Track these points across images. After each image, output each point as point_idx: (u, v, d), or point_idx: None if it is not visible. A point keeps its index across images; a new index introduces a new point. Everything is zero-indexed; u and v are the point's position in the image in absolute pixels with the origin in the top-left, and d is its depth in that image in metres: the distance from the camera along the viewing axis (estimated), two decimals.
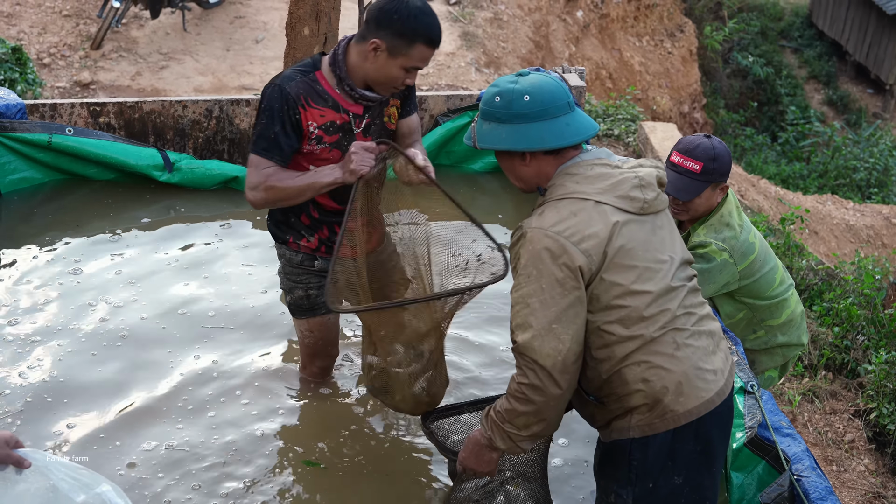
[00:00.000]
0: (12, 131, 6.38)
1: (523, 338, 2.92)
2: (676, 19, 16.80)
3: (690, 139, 4.22)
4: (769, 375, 4.63)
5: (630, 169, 3.11)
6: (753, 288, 4.32)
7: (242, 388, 4.76)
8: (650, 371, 2.97)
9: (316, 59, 3.88)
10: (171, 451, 4.30)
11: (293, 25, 6.84)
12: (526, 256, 2.94)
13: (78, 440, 4.33)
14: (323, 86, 3.83)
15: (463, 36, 12.38)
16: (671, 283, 3.04)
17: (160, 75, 10.85)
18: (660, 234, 3.10)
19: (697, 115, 16.71)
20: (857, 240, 10.99)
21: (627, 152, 8.56)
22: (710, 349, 3.09)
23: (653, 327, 2.97)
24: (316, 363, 4.66)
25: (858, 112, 19.17)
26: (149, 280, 5.60)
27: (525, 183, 3.20)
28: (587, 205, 2.97)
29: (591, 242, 2.92)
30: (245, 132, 7.07)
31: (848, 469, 5.42)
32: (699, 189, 4.14)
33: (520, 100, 3.04)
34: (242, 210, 6.47)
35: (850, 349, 6.39)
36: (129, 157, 6.58)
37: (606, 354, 2.99)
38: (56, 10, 11.59)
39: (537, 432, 3.08)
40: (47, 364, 4.81)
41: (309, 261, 4.18)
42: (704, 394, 3.03)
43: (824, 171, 15.38)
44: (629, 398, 3.01)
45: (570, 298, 2.91)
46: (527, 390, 2.96)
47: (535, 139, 3.03)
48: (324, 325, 4.41)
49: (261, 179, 3.78)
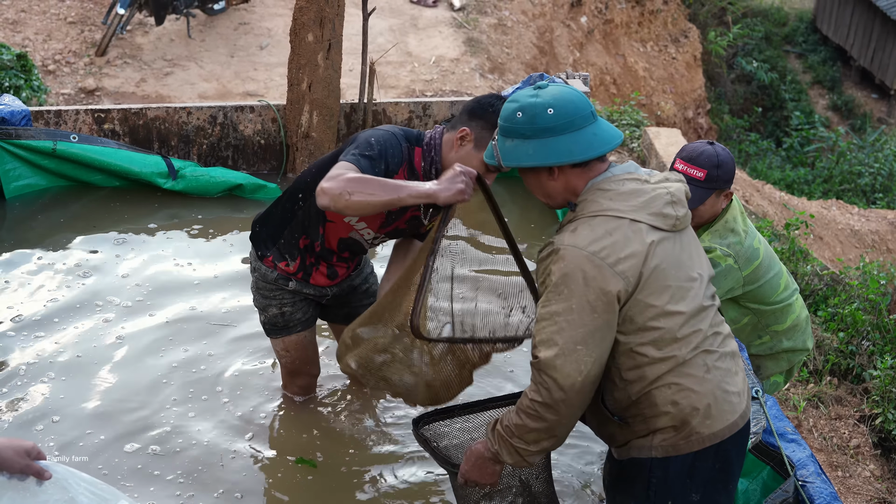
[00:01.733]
0: (17, 138, 6.39)
1: (546, 354, 2.84)
2: (680, 25, 16.79)
3: (694, 146, 4.20)
4: (774, 381, 4.61)
5: (660, 184, 3.04)
6: (758, 293, 4.31)
7: (244, 387, 4.80)
8: (680, 393, 2.93)
9: (421, 136, 3.79)
10: (168, 445, 4.32)
11: (297, 32, 6.85)
12: (558, 274, 2.85)
13: (74, 440, 4.36)
14: (415, 162, 3.77)
15: (467, 42, 12.39)
16: (702, 303, 3.01)
17: (164, 82, 10.87)
18: (688, 251, 3.05)
19: (702, 121, 16.70)
20: (861, 245, 10.97)
21: (632, 158, 8.55)
22: (733, 370, 3.06)
23: (686, 349, 2.93)
24: (296, 382, 4.63)
25: (863, 117, 19.16)
26: (153, 285, 5.61)
27: (553, 199, 3.08)
28: (622, 223, 2.90)
29: (628, 264, 2.85)
30: (249, 138, 7.08)
31: (853, 475, 5.41)
32: (703, 197, 4.13)
33: (544, 113, 2.94)
34: (246, 217, 6.48)
35: (856, 354, 6.37)
36: (134, 164, 6.59)
37: (637, 376, 2.94)
38: (61, 16, 11.61)
39: (547, 447, 3.02)
40: (51, 366, 4.82)
41: (283, 280, 4.13)
42: (730, 416, 3.00)
43: (829, 176, 15.35)
44: (656, 420, 2.97)
45: (599, 322, 2.84)
46: (540, 408, 2.89)
47: (563, 152, 2.94)
48: (300, 343, 4.35)
49: (346, 170, 3.43)
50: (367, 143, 3.63)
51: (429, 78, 11.43)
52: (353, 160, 3.52)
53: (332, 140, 7.09)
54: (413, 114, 7.30)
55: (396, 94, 10.87)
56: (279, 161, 7.21)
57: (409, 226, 3.99)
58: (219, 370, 4.92)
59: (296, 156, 7.10)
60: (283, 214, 4.06)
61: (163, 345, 5.09)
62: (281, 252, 4.08)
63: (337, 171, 3.41)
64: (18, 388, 4.68)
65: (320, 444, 4.46)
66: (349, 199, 3.31)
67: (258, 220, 4.18)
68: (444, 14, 12.95)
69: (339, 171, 3.41)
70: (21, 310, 5.30)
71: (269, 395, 4.74)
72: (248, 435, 4.48)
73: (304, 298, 4.23)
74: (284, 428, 4.57)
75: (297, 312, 4.24)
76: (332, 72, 6.95)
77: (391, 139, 3.68)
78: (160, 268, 5.82)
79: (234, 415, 4.62)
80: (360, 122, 7.22)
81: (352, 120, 7.27)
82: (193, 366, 4.94)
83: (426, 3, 13.16)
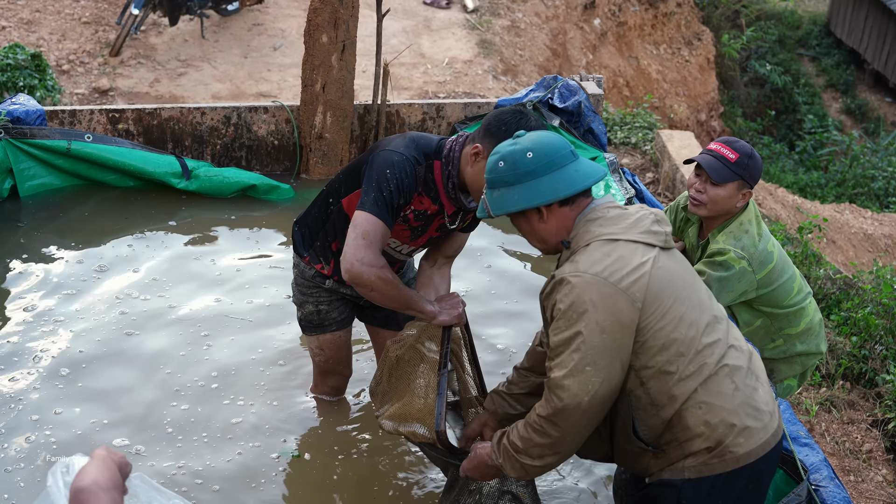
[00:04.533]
0: (32, 137, 6.42)
1: (556, 375, 2.91)
2: (694, 27, 16.76)
3: (733, 137, 4.28)
4: (788, 384, 4.61)
5: (640, 209, 3.12)
6: (772, 297, 4.31)
7: (248, 385, 4.83)
8: (711, 412, 2.93)
9: (440, 146, 3.78)
10: (164, 440, 4.35)
11: (311, 33, 6.86)
12: (566, 302, 2.90)
13: (87, 433, 4.36)
14: (435, 177, 3.77)
15: (480, 44, 12.39)
16: (714, 314, 3.04)
17: (178, 82, 10.90)
18: (684, 266, 3.09)
19: (715, 124, 16.67)
20: (875, 249, 10.93)
21: (645, 160, 8.55)
22: (758, 388, 3.06)
23: (711, 359, 2.95)
24: (328, 382, 4.64)
25: (877, 121, 19.09)
26: (168, 282, 5.63)
27: (547, 243, 3.14)
28: (618, 244, 2.95)
29: (632, 279, 2.89)
30: (263, 139, 7.09)
31: (866, 479, 5.39)
32: (728, 177, 4.16)
33: (524, 158, 3.03)
34: (259, 217, 6.50)
35: (868, 359, 6.36)
36: (148, 164, 6.61)
37: (668, 398, 2.94)
38: (75, 16, 11.65)
39: (551, 463, 3.08)
40: (66, 362, 4.86)
41: (321, 278, 4.16)
42: (763, 434, 3.00)
43: (842, 180, 15.30)
44: (690, 443, 2.97)
45: (609, 342, 2.87)
46: (545, 423, 2.96)
47: (547, 192, 3.01)
48: (334, 342, 4.38)
49: (379, 262, 3.59)
50: (384, 175, 3.64)
51: (442, 79, 11.44)
52: (376, 212, 3.61)
53: (345, 141, 7.10)
54: (426, 115, 7.30)
55: (409, 96, 10.88)
56: (292, 162, 7.22)
57: (440, 233, 4.01)
58: (240, 366, 4.94)
59: (309, 156, 7.12)
60: (317, 218, 4.08)
61: (180, 340, 5.12)
62: (317, 254, 4.11)
63: (367, 255, 3.57)
64: (33, 384, 4.71)
65: (305, 436, 4.51)
66: (369, 293, 3.62)
67: (298, 220, 4.22)
68: (458, 16, 12.96)
69: (370, 257, 3.57)
70: (37, 304, 5.34)
71: (290, 394, 4.76)
72: (269, 432, 4.51)
73: (341, 298, 4.26)
74: (307, 427, 4.59)
75: (333, 311, 4.26)
76: (345, 73, 6.96)
77: (405, 167, 3.67)
78: (175, 266, 5.84)
79: (261, 416, 4.65)
80: (374, 124, 7.23)
81: (365, 121, 7.28)
82: (215, 362, 4.97)
83: (439, 5, 13.17)
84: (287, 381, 4.87)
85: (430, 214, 3.85)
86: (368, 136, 7.29)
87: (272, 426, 4.57)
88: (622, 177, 6.29)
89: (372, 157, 3.72)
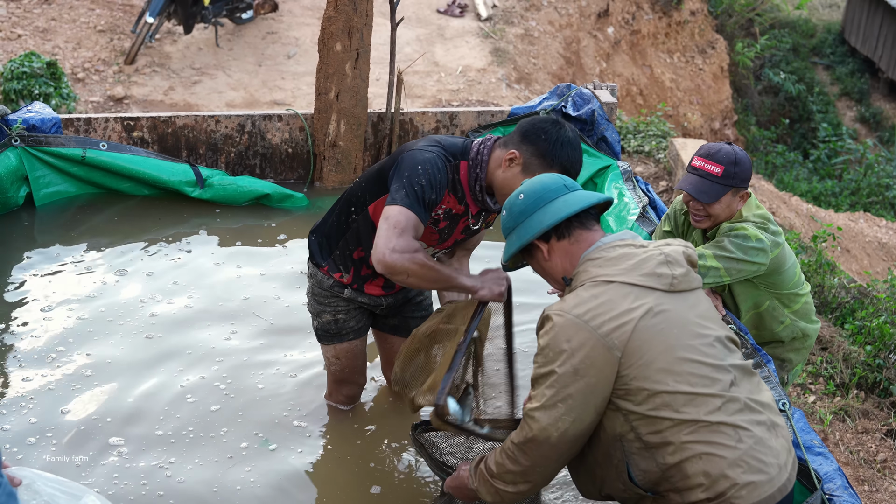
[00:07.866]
0: (47, 145, 6.44)
1: (530, 405, 2.98)
2: (707, 36, 16.76)
3: (711, 145, 4.33)
4: (797, 371, 4.81)
5: (655, 247, 3.10)
6: (778, 282, 4.42)
7: (279, 393, 4.83)
8: (711, 464, 2.87)
9: (466, 147, 3.78)
10: (160, 435, 4.36)
11: (325, 41, 6.88)
12: (545, 339, 2.97)
13: (94, 432, 4.39)
14: (461, 177, 3.78)
15: (494, 52, 12.41)
16: (719, 363, 2.97)
17: (193, 90, 10.94)
18: (696, 311, 3.04)
19: (728, 132, 16.65)
20: (889, 258, 10.90)
21: (658, 169, 8.54)
22: (770, 441, 2.98)
23: (704, 409, 2.89)
24: (342, 391, 4.64)
25: (891, 129, 19.04)
26: (181, 292, 5.64)
27: (555, 279, 3.23)
28: (610, 287, 2.97)
29: (613, 325, 2.89)
30: (277, 147, 7.12)
31: (880, 489, 5.37)
32: (720, 193, 4.21)
33: (516, 201, 3.21)
34: (273, 225, 6.51)
35: (883, 368, 6.34)
36: (162, 172, 6.63)
37: (660, 440, 2.91)
38: (90, 25, 11.72)
39: (523, 491, 3.14)
40: (77, 369, 4.87)
41: (339, 288, 4.15)
42: (768, 488, 2.91)
43: (856, 188, 15.27)
44: (690, 493, 2.91)
45: (581, 385, 2.90)
46: (517, 451, 3.04)
47: (535, 226, 3.14)
48: (351, 351, 4.38)
49: (412, 247, 3.54)
50: (416, 170, 3.63)
51: (455, 88, 11.46)
52: (408, 205, 3.57)
53: (359, 149, 7.11)
54: (440, 123, 7.31)
55: (423, 104, 10.90)
56: (306, 170, 7.24)
57: (465, 235, 4.04)
58: (253, 374, 4.95)
59: (323, 164, 7.13)
60: (337, 226, 4.07)
61: (194, 347, 5.13)
62: (336, 263, 4.10)
63: (400, 242, 3.50)
64: (51, 388, 4.73)
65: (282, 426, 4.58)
66: (406, 279, 3.55)
67: (314, 230, 4.21)
68: (471, 24, 12.98)
69: (402, 243, 3.50)
70: (53, 308, 5.35)
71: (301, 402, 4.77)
72: (281, 439, 4.52)
73: (359, 307, 4.26)
74: (319, 434, 4.60)
75: (351, 321, 4.26)
76: (359, 81, 6.98)
77: (437, 163, 3.67)
78: (188, 274, 5.85)
79: (273, 423, 4.65)
80: (387, 132, 7.24)
81: (379, 129, 7.30)
82: (229, 369, 4.99)
83: (453, 14, 13.20)
84: (301, 389, 4.88)
85: (455, 214, 3.87)
86: (382, 144, 7.31)
87: (284, 433, 4.58)
88: (636, 185, 6.28)
89: (399, 158, 3.71)
